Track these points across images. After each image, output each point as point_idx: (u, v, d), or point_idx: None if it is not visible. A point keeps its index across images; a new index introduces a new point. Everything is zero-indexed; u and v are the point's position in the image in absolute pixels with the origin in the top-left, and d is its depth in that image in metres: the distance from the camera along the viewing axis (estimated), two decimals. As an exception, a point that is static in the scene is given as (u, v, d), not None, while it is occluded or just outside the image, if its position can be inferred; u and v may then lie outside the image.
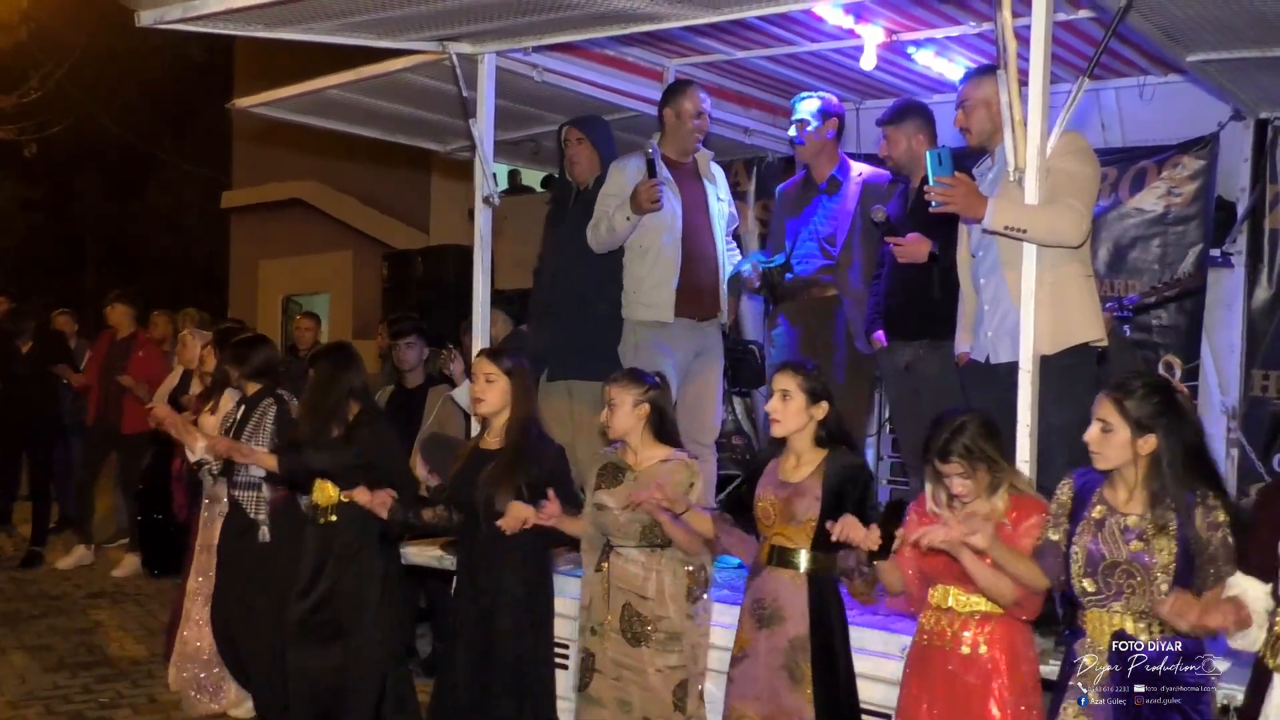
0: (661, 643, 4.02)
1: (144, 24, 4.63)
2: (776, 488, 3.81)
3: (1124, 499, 3.14)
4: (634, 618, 4.05)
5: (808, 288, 5.47)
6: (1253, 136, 5.94)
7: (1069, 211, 3.94)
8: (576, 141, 5.60)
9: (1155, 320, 6.19)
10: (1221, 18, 4.35)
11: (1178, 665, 3.06)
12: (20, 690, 5.84)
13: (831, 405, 3.80)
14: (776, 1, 4.57)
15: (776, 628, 3.74)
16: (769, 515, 3.80)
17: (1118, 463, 3.13)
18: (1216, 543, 3.01)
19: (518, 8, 4.65)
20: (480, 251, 5.55)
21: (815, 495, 3.71)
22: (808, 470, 3.77)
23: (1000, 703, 3.31)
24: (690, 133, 5.47)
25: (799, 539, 3.73)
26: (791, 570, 3.75)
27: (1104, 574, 3.12)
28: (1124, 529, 3.11)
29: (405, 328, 6.67)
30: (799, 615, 3.71)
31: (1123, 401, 3.10)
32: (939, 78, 6.10)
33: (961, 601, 3.40)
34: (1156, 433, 3.08)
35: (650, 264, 5.34)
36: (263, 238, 16.22)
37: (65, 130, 14.66)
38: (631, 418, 4.10)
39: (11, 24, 13.20)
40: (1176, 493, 3.05)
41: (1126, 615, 3.11)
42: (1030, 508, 3.37)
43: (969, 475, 3.34)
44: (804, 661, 3.68)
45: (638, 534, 4.09)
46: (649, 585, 4.05)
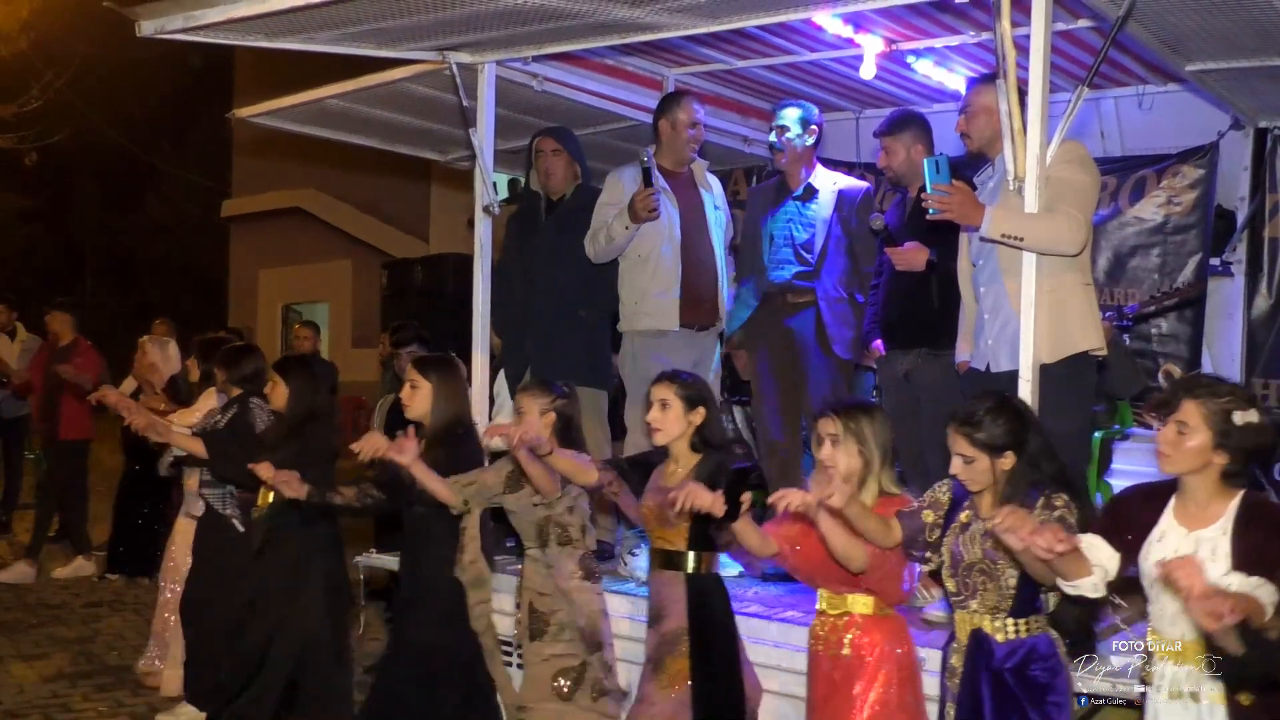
0: (555, 634, 4.18)
1: (145, 34, 4.62)
2: (656, 493, 3.94)
3: (988, 504, 3.27)
4: (534, 615, 4.22)
5: (782, 294, 5.48)
6: (1252, 145, 5.95)
7: (1067, 220, 3.94)
8: (553, 152, 5.56)
9: (1155, 329, 6.19)
10: (1220, 27, 4.35)
11: (1030, 663, 3.20)
12: (19, 699, 5.83)
13: (709, 411, 3.94)
14: (776, 11, 4.58)
15: (658, 625, 3.92)
16: (650, 520, 3.96)
17: (986, 484, 3.26)
18: (1052, 521, 3.08)
19: (517, 17, 4.66)
20: (480, 260, 5.55)
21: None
22: (683, 475, 3.88)
23: (887, 694, 3.47)
24: (685, 143, 5.49)
25: (677, 540, 3.88)
26: (674, 571, 3.90)
27: (963, 574, 3.29)
28: (984, 533, 3.23)
29: (407, 336, 6.68)
30: (678, 612, 3.87)
31: (972, 435, 3.23)
32: (939, 87, 6.11)
33: (833, 603, 3.57)
34: (1013, 449, 3.22)
35: (651, 273, 5.35)
36: (262, 247, 16.24)
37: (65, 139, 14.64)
38: (538, 425, 4.17)
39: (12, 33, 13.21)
40: (1025, 492, 3.20)
41: (983, 614, 3.26)
42: (896, 505, 3.50)
43: (837, 442, 3.50)
44: (667, 655, 3.85)
45: (533, 534, 4.25)
46: (548, 583, 4.21)
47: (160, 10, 4.54)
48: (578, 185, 5.61)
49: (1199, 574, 2.51)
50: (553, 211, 5.58)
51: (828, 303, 5.40)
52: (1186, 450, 2.92)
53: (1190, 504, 2.99)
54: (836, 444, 3.51)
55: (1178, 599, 2.67)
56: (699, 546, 3.85)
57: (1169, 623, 2.99)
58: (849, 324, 5.43)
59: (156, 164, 21.46)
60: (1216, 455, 2.91)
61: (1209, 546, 2.90)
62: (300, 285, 15.60)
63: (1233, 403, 2.90)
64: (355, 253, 14.44)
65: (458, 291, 8.34)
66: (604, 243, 5.33)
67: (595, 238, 5.36)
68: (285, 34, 4.80)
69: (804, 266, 5.43)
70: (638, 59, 6.04)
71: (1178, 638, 2.98)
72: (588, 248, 5.39)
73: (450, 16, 4.61)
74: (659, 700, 3.83)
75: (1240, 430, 2.88)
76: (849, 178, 5.72)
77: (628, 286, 5.42)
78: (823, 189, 5.49)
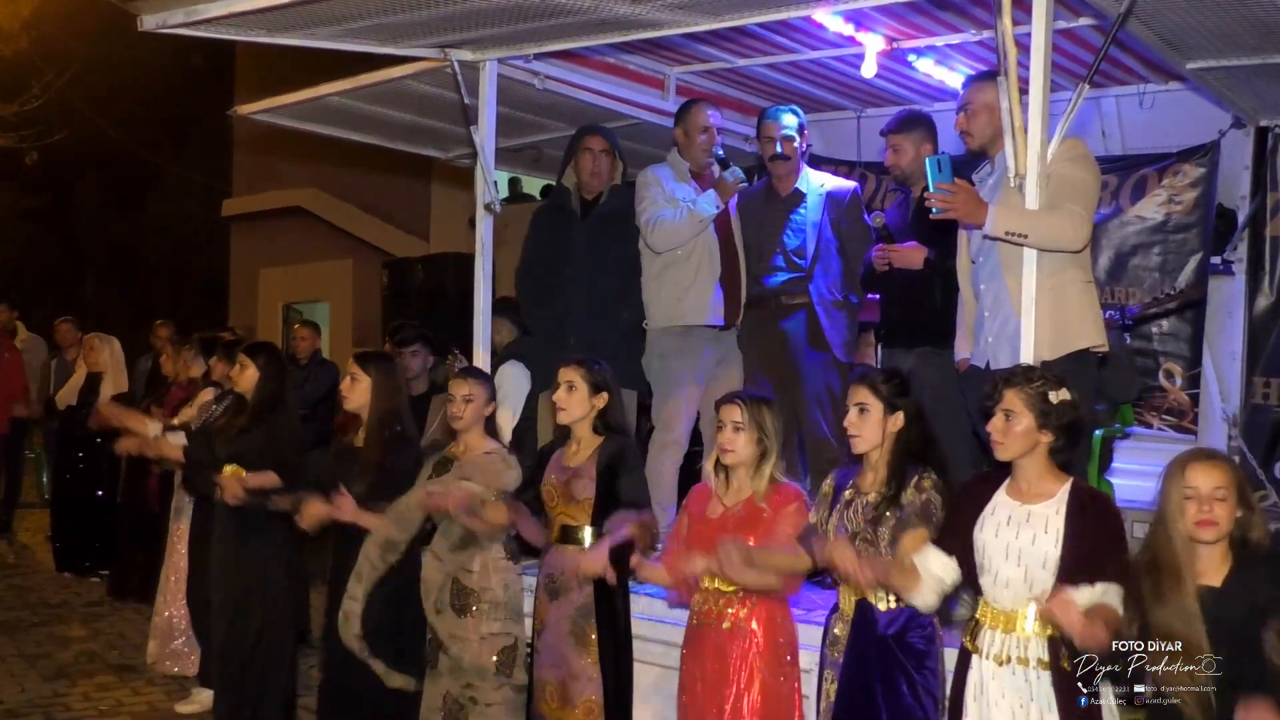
0: (485, 612, 4.36)
1: (146, 28, 4.62)
2: (559, 471, 4.24)
3: (869, 481, 3.57)
4: (460, 591, 4.37)
5: (775, 297, 5.48)
6: (1253, 144, 5.94)
7: (1069, 216, 3.94)
8: (603, 151, 5.59)
9: (1156, 328, 6.19)
10: (1221, 25, 4.35)
11: (908, 630, 3.46)
12: (20, 698, 5.83)
13: (611, 396, 4.23)
14: (777, 9, 4.57)
15: (564, 598, 4.16)
16: (553, 497, 4.24)
17: (874, 442, 3.55)
18: (918, 505, 3.42)
19: (519, 14, 4.66)
20: (482, 259, 5.55)
21: (590, 476, 4.14)
22: (585, 454, 4.20)
23: (759, 669, 3.70)
24: (701, 147, 5.53)
25: (580, 516, 4.16)
26: (576, 545, 4.15)
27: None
28: (865, 505, 3.53)
29: (409, 336, 6.66)
30: (583, 585, 4.10)
31: (876, 385, 3.58)
32: (940, 85, 6.11)
33: (726, 581, 3.72)
34: (903, 410, 3.55)
35: (695, 270, 5.40)
36: (263, 246, 16.23)
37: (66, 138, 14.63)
38: (479, 414, 4.46)
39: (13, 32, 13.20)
40: (905, 468, 3.49)
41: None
42: (787, 495, 3.77)
43: (742, 428, 3.75)
44: (588, 626, 4.11)
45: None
46: (474, 560, 4.38)
47: (162, 5, 4.54)
48: (613, 185, 5.64)
49: (1075, 611, 2.88)
50: (590, 211, 5.59)
51: (823, 306, 5.40)
52: (1016, 435, 3.19)
53: (1021, 483, 3.25)
54: (739, 431, 3.76)
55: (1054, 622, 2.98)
56: (599, 524, 4.10)
57: (1002, 588, 3.20)
58: (844, 325, 5.45)
59: (157, 163, 21.45)
60: (1042, 435, 3.18)
61: (1041, 521, 3.16)
62: (301, 284, 15.58)
63: (1045, 385, 3.20)
64: (356, 252, 14.41)
65: (459, 291, 8.33)
66: (689, 225, 5.34)
67: (661, 225, 5.35)
68: (286, 29, 4.80)
69: (796, 272, 5.44)
70: (639, 57, 6.04)
71: (1008, 606, 3.19)
72: (654, 236, 5.37)
73: (452, 13, 4.61)
74: (594, 674, 4.09)
75: (1057, 409, 3.17)
76: (836, 178, 5.75)
77: (667, 283, 5.43)
78: (810, 192, 5.50)
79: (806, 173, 5.59)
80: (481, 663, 4.33)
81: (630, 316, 5.54)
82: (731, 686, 3.69)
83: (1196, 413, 6.08)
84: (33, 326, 10.68)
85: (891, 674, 3.43)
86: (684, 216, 5.35)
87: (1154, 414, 6.12)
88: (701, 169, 5.59)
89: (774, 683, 3.71)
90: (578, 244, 5.54)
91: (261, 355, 5.08)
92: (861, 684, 3.46)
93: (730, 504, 3.81)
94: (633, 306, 5.54)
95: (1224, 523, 2.93)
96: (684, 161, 5.59)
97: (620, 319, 5.51)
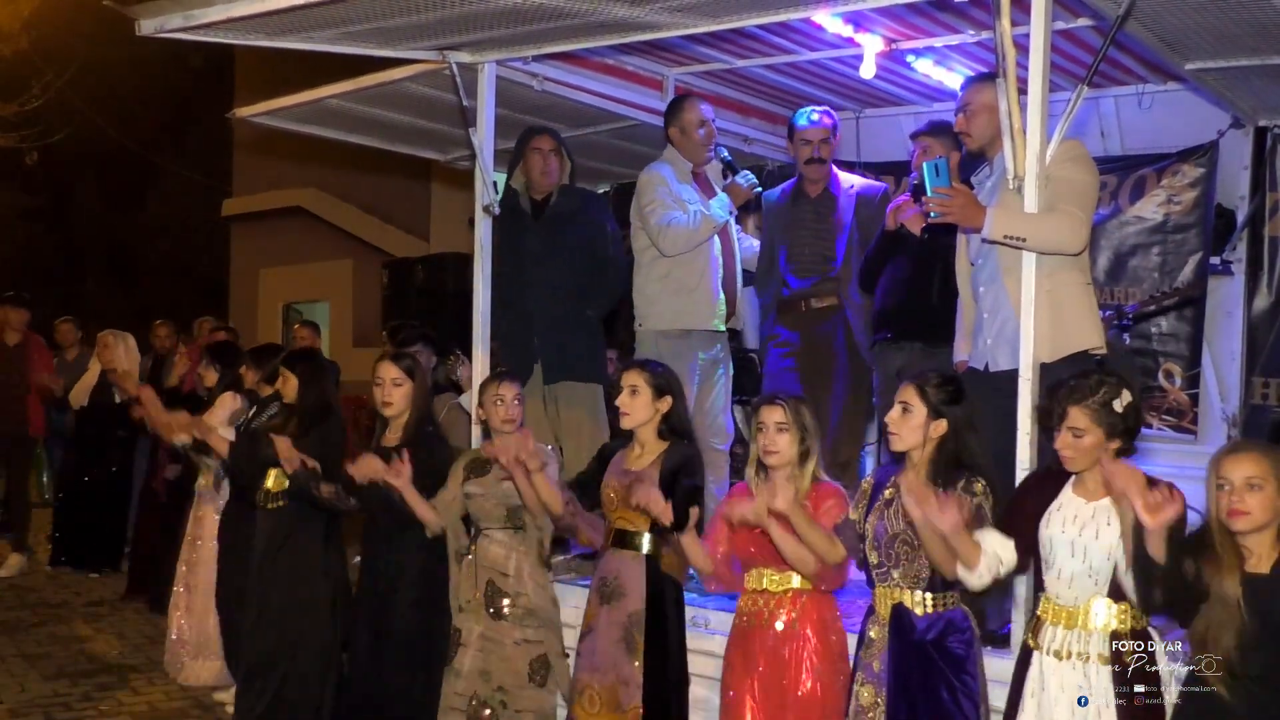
0: (519, 617, 4.37)
1: (145, 33, 4.62)
2: (620, 475, 4.15)
3: (910, 480, 3.43)
4: (495, 593, 4.38)
5: (806, 298, 5.49)
6: (1252, 144, 5.95)
7: (1068, 219, 3.94)
8: (552, 151, 5.55)
9: (1155, 328, 6.19)
10: (1220, 26, 4.35)
11: (948, 636, 3.44)
12: (20, 698, 5.83)
13: (675, 401, 4.15)
14: (776, 10, 4.57)
15: (617, 604, 4.08)
16: (612, 501, 4.16)
17: (912, 444, 3.51)
18: (970, 508, 3.35)
19: (517, 17, 4.66)
20: (481, 260, 5.55)
21: (653, 481, 4.00)
22: (649, 460, 4.10)
23: (812, 671, 3.67)
24: (699, 143, 5.52)
25: (639, 523, 4.06)
26: (633, 551, 4.10)
27: (886, 546, 3.52)
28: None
29: (411, 335, 6.63)
30: (637, 592, 4.05)
31: (924, 388, 3.50)
32: (939, 86, 6.11)
33: (774, 581, 3.75)
34: (947, 418, 3.48)
35: (699, 273, 5.40)
36: (263, 246, 16.23)
37: (66, 138, 14.60)
38: (516, 411, 4.45)
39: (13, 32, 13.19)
40: (951, 474, 3.44)
41: (904, 587, 3.50)
42: (827, 492, 3.75)
43: (786, 429, 3.70)
44: (639, 634, 4.03)
45: (503, 516, 4.42)
46: (509, 563, 4.39)
47: (160, 9, 4.54)
48: (562, 185, 5.60)
49: (1137, 475, 2.91)
50: (541, 212, 5.57)
51: (853, 309, 5.43)
52: (1085, 449, 3.21)
53: (1089, 482, 3.28)
54: (782, 432, 3.71)
55: (1121, 510, 3.02)
56: (657, 530, 4.00)
57: (1065, 586, 3.25)
58: (868, 327, 5.47)
59: (157, 163, 21.43)
60: (1110, 444, 3.21)
61: (1105, 514, 3.21)
62: (301, 284, 15.58)
63: (1109, 393, 3.20)
64: (356, 252, 14.42)
65: (458, 291, 8.34)
66: (704, 229, 5.33)
67: (674, 228, 5.30)
68: (285, 33, 4.80)
69: (827, 275, 5.45)
70: (638, 58, 6.04)
71: (1070, 602, 3.24)
72: (665, 240, 5.33)
73: (450, 16, 4.60)
74: (638, 677, 4.00)
75: (1123, 415, 3.20)
76: (864, 179, 5.76)
77: (671, 286, 5.41)
78: (841, 194, 5.52)
79: (836, 174, 5.60)
80: (515, 668, 4.32)
81: (593, 313, 5.53)
82: (786, 686, 3.67)
83: (1196, 413, 6.08)
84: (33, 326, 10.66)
85: (931, 681, 3.41)
86: (698, 221, 5.33)
87: (1154, 414, 6.12)
88: (702, 165, 5.58)
89: (832, 681, 3.68)
90: (532, 245, 5.51)
91: (296, 365, 5.11)
92: (902, 692, 3.44)
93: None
94: (595, 303, 5.53)
95: (1259, 512, 2.92)
96: (684, 160, 5.57)
97: (584, 316, 5.49)
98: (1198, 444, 6.02)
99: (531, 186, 5.60)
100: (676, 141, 5.56)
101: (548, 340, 5.44)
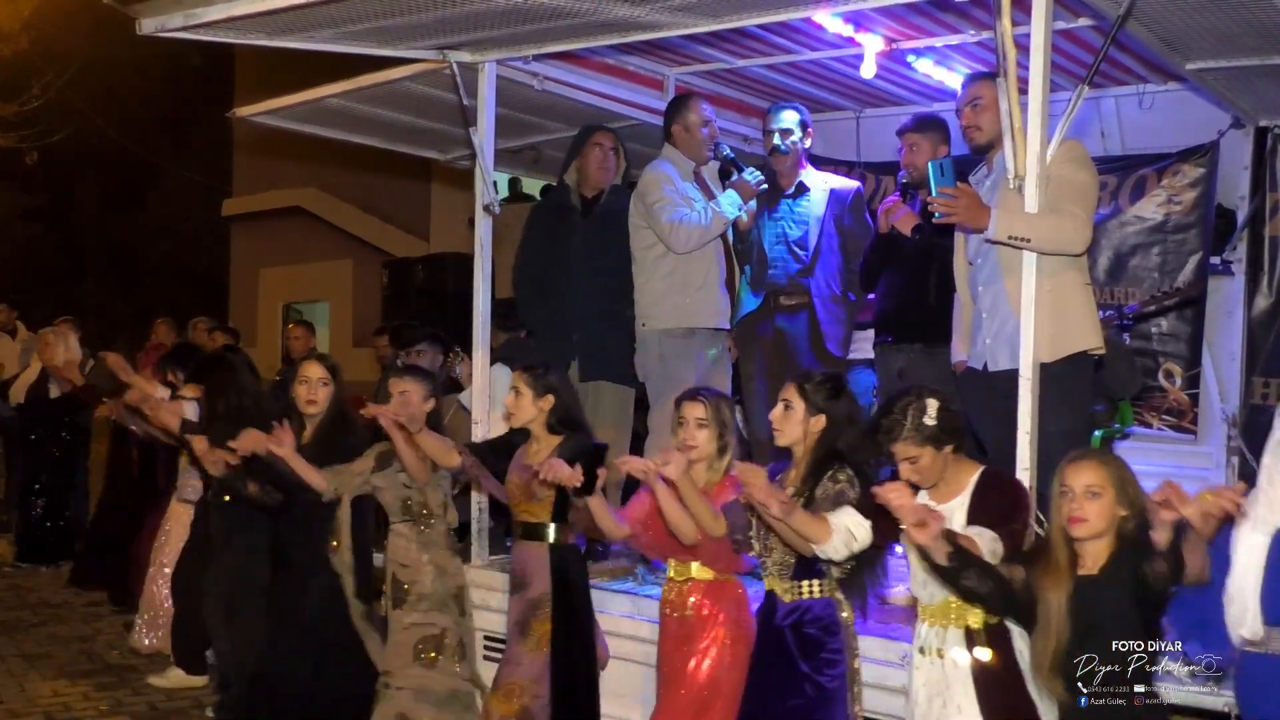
0: (414, 603, 4.61)
1: (145, 32, 4.62)
2: (521, 470, 4.39)
3: (792, 477, 3.73)
4: (397, 584, 4.64)
5: (775, 294, 5.49)
6: (1252, 144, 5.94)
7: (1071, 219, 3.94)
8: (613, 150, 5.62)
9: (1155, 328, 6.19)
10: (1220, 26, 4.35)
11: (805, 623, 3.63)
12: (20, 698, 5.84)
13: (558, 397, 4.38)
14: (776, 10, 4.57)
15: (522, 593, 4.35)
16: (516, 495, 4.40)
17: (794, 438, 3.71)
18: (831, 496, 3.57)
19: (518, 16, 4.66)
20: (481, 260, 5.55)
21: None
22: (545, 453, 4.27)
23: (716, 654, 3.90)
24: (701, 142, 5.53)
25: (541, 514, 4.33)
26: (537, 541, 4.34)
27: (763, 538, 3.72)
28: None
29: (417, 336, 6.60)
30: (541, 580, 4.30)
31: (804, 386, 3.72)
32: (939, 86, 6.10)
33: (679, 570, 4.00)
34: (826, 414, 3.68)
35: (704, 271, 5.40)
36: (263, 246, 16.24)
37: (66, 138, 14.62)
38: (421, 410, 4.56)
39: (13, 32, 13.20)
40: (825, 467, 3.63)
41: (774, 576, 3.71)
42: (730, 484, 3.90)
43: (705, 425, 3.93)
44: (533, 619, 4.27)
45: (400, 509, 4.67)
46: (409, 554, 4.65)
47: (160, 8, 4.54)
48: (614, 185, 5.65)
49: (908, 494, 3.04)
50: (590, 209, 5.59)
51: (821, 301, 5.44)
52: (927, 469, 3.36)
53: (940, 484, 3.43)
54: (702, 428, 3.95)
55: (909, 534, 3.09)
56: (560, 519, 4.31)
57: (920, 585, 3.40)
58: (841, 321, 5.51)
59: (157, 163, 21.44)
60: (944, 451, 3.35)
61: (949, 517, 3.29)
62: (301, 284, 15.59)
63: (915, 413, 3.34)
64: (356, 252, 14.42)
65: (458, 291, 8.33)
66: (714, 226, 5.33)
67: (685, 225, 5.28)
68: (285, 32, 4.80)
69: (798, 264, 5.47)
70: (638, 58, 6.04)
71: (927, 601, 3.40)
72: (675, 237, 5.31)
73: (450, 15, 4.60)
74: (525, 661, 4.25)
75: (937, 421, 3.33)
76: (840, 177, 5.82)
77: (676, 284, 5.39)
78: (814, 187, 5.55)
79: (809, 170, 5.60)
80: (401, 650, 4.57)
81: (631, 313, 5.54)
82: (694, 652, 3.92)
83: (1196, 413, 6.08)
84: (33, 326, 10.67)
85: (784, 662, 3.65)
86: (709, 218, 5.32)
87: (1153, 414, 6.12)
88: (704, 163, 5.59)
89: (733, 664, 3.88)
90: (577, 241, 5.54)
91: (210, 376, 5.38)
92: (757, 669, 3.73)
93: None
94: (632, 304, 5.54)
95: (1096, 519, 3.02)
96: (685, 159, 5.56)
97: (623, 316, 5.52)
98: (1198, 444, 6.03)
99: (584, 182, 5.63)
100: (679, 139, 5.55)
101: (587, 337, 5.46)
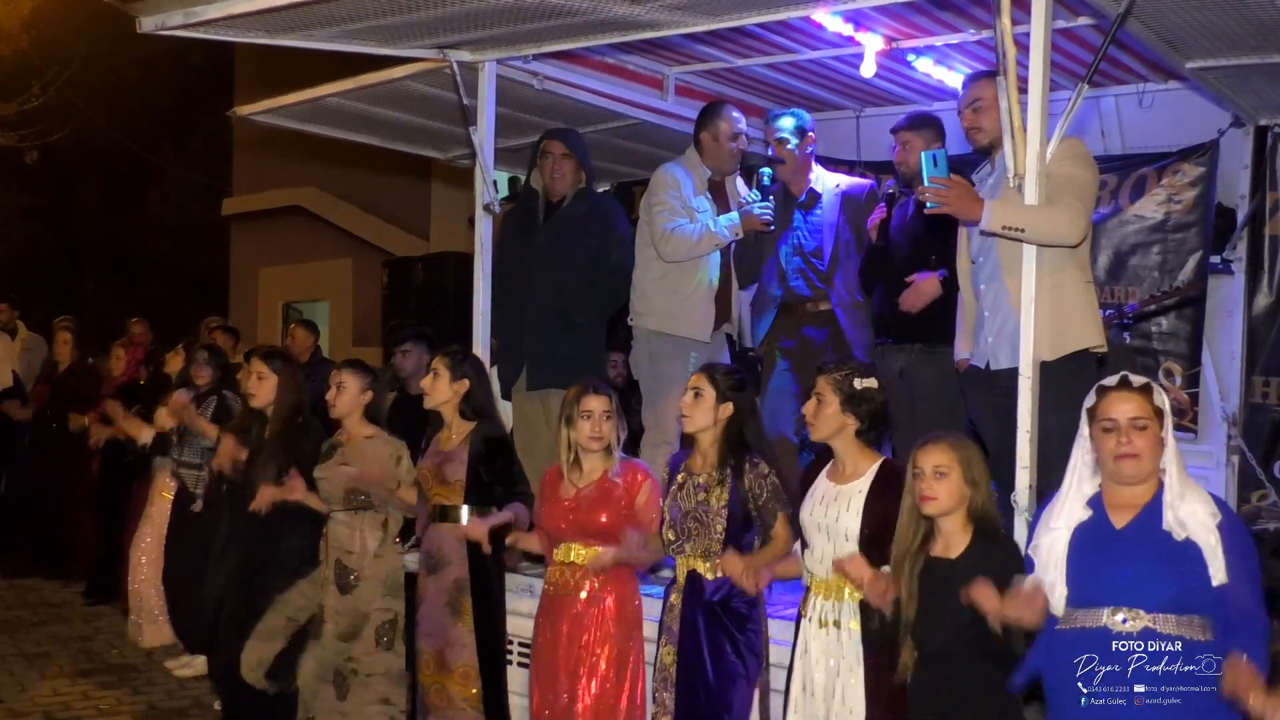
0: (365, 590, 4.74)
1: (145, 30, 4.63)
2: (433, 456, 4.61)
3: (699, 464, 3.95)
4: (342, 570, 4.76)
5: (802, 303, 5.47)
6: (1252, 143, 5.94)
7: (1066, 210, 3.93)
8: (562, 156, 5.49)
9: (1155, 327, 6.18)
10: (1220, 25, 4.35)
11: (732, 597, 3.83)
12: (21, 698, 5.84)
13: (473, 383, 4.59)
14: (776, 9, 4.57)
15: (441, 573, 4.52)
16: (428, 480, 4.59)
17: (703, 424, 3.90)
18: (768, 490, 3.83)
19: (518, 15, 4.66)
20: (481, 259, 5.56)
21: (462, 460, 4.51)
22: (458, 440, 4.57)
23: (607, 635, 4.10)
24: (730, 154, 5.50)
25: (454, 497, 4.51)
26: (451, 523, 4.51)
27: (679, 523, 3.92)
28: (696, 486, 3.92)
29: (402, 335, 6.70)
30: (459, 560, 4.48)
31: (713, 375, 3.94)
32: (939, 85, 6.10)
33: (582, 555, 4.15)
34: (733, 402, 3.88)
35: (698, 281, 5.36)
36: (263, 245, 16.21)
37: (66, 138, 14.61)
38: (355, 402, 4.83)
39: (13, 31, 13.18)
40: (738, 454, 3.86)
41: (696, 556, 3.89)
42: (635, 470, 4.20)
43: (610, 416, 4.14)
44: (464, 598, 4.46)
45: (342, 498, 4.79)
46: (354, 541, 4.78)
47: (160, 6, 4.55)
48: (579, 189, 5.57)
49: (864, 566, 3.35)
50: (552, 213, 5.54)
51: (843, 309, 5.40)
52: (825, 417, 3.62)
53: (839, 465, 3.68)
54: (608, 419, 4.16)
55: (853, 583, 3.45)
56: (473, 502, 4.48)
57: (818, 563, 3.62)
58: (863, 325, 5.45)
59: (157, 163, 21.42)
60: (847, 418, 3.59)
61: (847, 499, 3.58)
62: (301, 284, 15.56)
63: (856, 372, 3.63)
64: (356, 251, 14.40)
65: (458, 290, 8.33)
66: (704, 246, 5.29)
67: (678, 236, 5.25)
68: (285, 31, 4.80)
69: (816, 274, 5.44)
70: (638, 57, 6.04)
71: (824, 576, 3.60)
72: (667, 246, 5.28)
73: (450, 14, 4.61)
74: (468, 641, 4.44)
75: (861, 393, 3.59)
76: (850, 177, 5.74)
77: (665, 290, 5.37)
78: (825, 192, 5.49)
79: (820, 173, 5.57)
80: (364, 636, 4.70)
81: (585, 320, 5.48)
82: (584, 649, 4.09)
83: (1196, 412, 6.08)
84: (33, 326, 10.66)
85: (716, 635, 3.82)
86: (701, 234, 5.27)
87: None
88: (724, 176, 5.56)
89: (623, 648, 4.11)
90: (538, 245, 5.49)
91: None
92: (692, 646, 3.86)
93: (582, 485, 4.17)
94: (589, 310, 5.48)
95: (944, 498, 3.25)
96: (704, 168, 5.50)
97: (573, 322, 5.43)
98: (1198, 443, 6.02)
99: (546, 189, 5.58)
100: (706, 147, 5.48)
101: (536, 344, 5.42)
